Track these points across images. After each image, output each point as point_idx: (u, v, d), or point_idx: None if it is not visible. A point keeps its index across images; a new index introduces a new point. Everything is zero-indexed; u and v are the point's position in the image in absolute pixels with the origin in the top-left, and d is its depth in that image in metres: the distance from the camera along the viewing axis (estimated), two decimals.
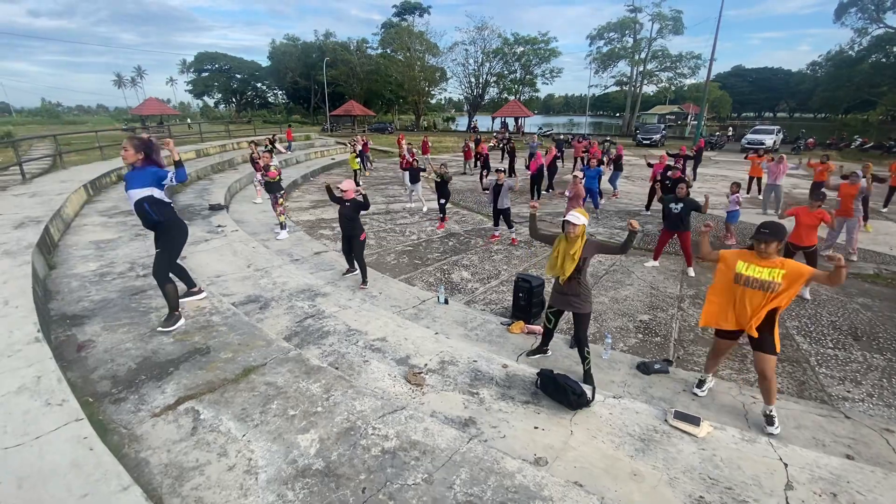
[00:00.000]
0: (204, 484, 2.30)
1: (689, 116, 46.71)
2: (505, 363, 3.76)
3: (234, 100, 68.91)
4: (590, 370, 3.92)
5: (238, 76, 66.20)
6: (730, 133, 36.85)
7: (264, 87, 70.34)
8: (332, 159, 21.07)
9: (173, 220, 3.94)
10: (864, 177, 8.72)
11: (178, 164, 3.75)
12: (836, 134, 32.92)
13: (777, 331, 3.36)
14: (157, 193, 3.71)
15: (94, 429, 2.38)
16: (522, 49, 51.48)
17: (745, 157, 12.88)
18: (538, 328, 4.98)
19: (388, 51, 54.08)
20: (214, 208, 9.50)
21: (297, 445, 2.56)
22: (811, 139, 29.71)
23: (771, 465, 2.66)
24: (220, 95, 68.62)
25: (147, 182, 3.66)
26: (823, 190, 6.68)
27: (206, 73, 65.54)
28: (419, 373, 3.56)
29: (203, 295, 4.57)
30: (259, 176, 11.05)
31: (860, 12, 33.49)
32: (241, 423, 2.74)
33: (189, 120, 39.31)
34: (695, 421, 2.96)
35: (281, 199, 8.42)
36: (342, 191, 5.82)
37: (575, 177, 7.96)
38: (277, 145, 16.84)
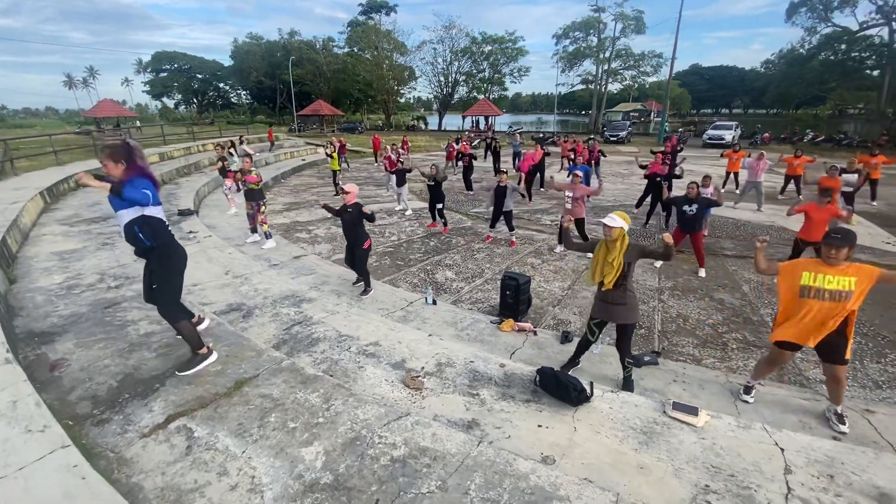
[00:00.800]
0: None
1: (652, 114, 48.21)
2: (502, 362, 3.75)
3: (195, 100, 66.39)
4: (630, 377, 3.85)
5: (199, 76, 63.78)
6: (692, 129, 38.23)
7: (227, 88, 68.03)
8: (303, 160, 20.62)
9: (169, 245, 3.22)
10: (853, 172, 9.16)
11: (115, 192, 2.87)
12: (790, 128, 34.72)
13: (851, 337, 3.19)
14: (149, 210, 3.04)
15: (83, 455, 2.21)
16: (490, 48, 51.81)
17: (722, 155, 13.25)
18: (528, 325, 5.00)
19: (356, 49, 53.38)
20: (184, 213, 9.12)
21: (301, 459, 2.47)
22: (767, 134, 31.19)
23: (768, 450, 2.75)
24: (180, 96, 65.91)
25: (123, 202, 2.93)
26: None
27: (165, 74, 62.87)
28: (417, 377, 3.50)
29: (206, 323, 3.98)
30: (229, 184, 10.55)
31: (810, 12, 35.33)
32: (239, 439, 2.62)
33: (138, 123, 36.69)
34: (693, 411, 3.03)
35: (263, 208, 7.94)
36: (346, 192, 5.64)
37: (576, 175, 7.68)
38: (245, 147, 16.31)
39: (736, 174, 13.05)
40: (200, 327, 3.83)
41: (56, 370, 3.30)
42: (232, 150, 13.50)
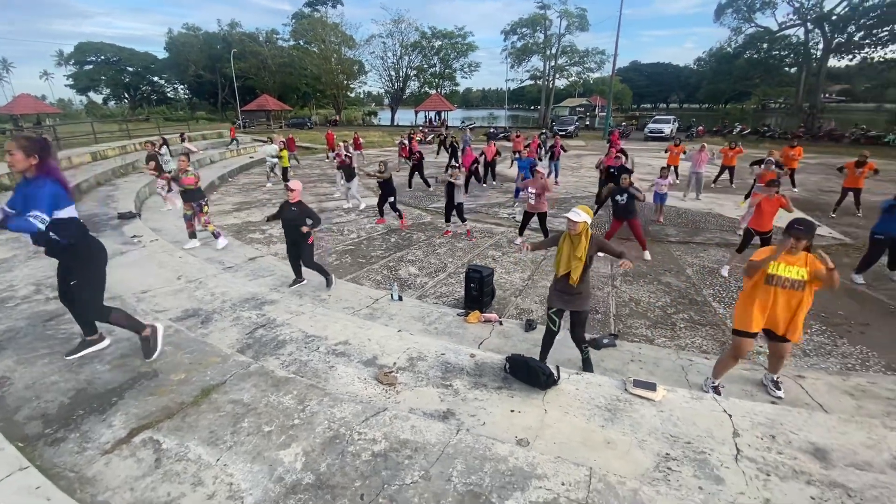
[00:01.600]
0: None
1: (597, 108, 50.20)
2: (472, 353, 3.84)
3: (126, 95, 61.84)
4: (589, 358, 4.02)
5: (130, 69, 59.43)
6: (634, 123, 40.19)
7: (162, 82, 63.93)
8: (251, 157, 19.80)
9: (85, 241, 3.09)
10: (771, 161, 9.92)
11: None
12: (720, 122, 37.31)
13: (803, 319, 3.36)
14: (62, 213, 2.86)
15: (44, 476, 2.08)
16: (440, 43, 51.84)
17: (665, 151, 14.03)
18: (494, 316, 5.14)
19: (302, 42, 51.69)
20: (125, 217, 8.56)
21: (280, 462, 2.43)
22: (701, 127, 33.38)
23: (718, 417, 3.01)
24: (108, 91, 61.19)
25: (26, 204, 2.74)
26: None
27: (91, 66, 58.10)
28: (390, 372, 3.52)
29: (106, 343, 3.59)
30: (162, 183, 10.02)
31: (735, 13, 38.05)
32: (211, 448, 2.54)
33: (48, 121, 32.91)
34: (651, 387, 3.26)
35: (206, 208, 7.58)
36: (290, 190, 5.54)
37: (538, 171, 7.88)
38: (188, 144, 15.42)
39: (676, 167, 13.90)
40: (99, 346, 3.55)
41: None
42: (164, 149, 12.69)
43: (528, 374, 3.31)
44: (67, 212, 2.92)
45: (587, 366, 4.04)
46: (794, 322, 3.39)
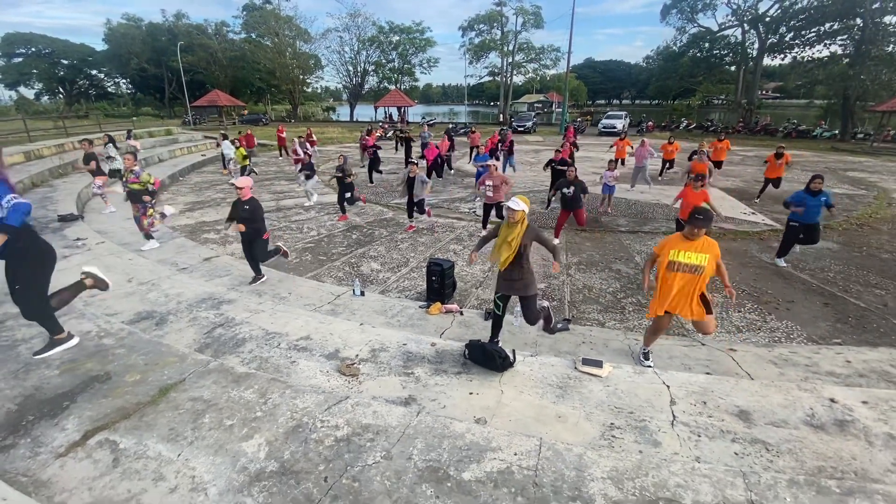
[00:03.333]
0: None
1: (554, 104, 51.45)
2: (433, 342, 3.98)
3: (61, 90, 57.59)
4: (549, 316, 4.32)
5: (64, 62, 55.20)
6: (588, 119, 41.50)
7: (101, 76, 59.92)
8: (203, 156, 19.04)
9: (32, 242, 3.07)
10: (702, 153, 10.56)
11: None
12: (668, 117, 39.18)
13: (706, 294, 3.77)
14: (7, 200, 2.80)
15: None
16: (398, 38, 51.46)
17: (611, 147, 14.59)
18: (455, 306, 5.29)
19: (254, 35, 49.88)
20: (66, 219, 8.11)
21: (243, 453, 2.48)
22: (651, 122, 34.98)
23: (657, 388, 3.29)
24: (41, 85, 56.71)
25: None
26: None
27: (20, 59, 53.61)
28: (352, 364, 3.60)
29: (75, 341, 3.57)
30: (99, 182, 9.43)
31: (679, 13, 39.98)
32: (172, 444, 2.55)
33: None
34: (598, 364, 3.51)
35: (150, 210, 7.11)
36: (238, 188, 5.44)
37: (489, 165, 8.13)
38: (133, 142, 14.66)
39: (623, 160, 14.57)
40: (69, 344, 3.54)
41: None
42: (111, 148, 11.96)
43: (485, 358, 3.48)
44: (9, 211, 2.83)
45: (547, 323, 4.37)
46: (694, 304, 3.73)
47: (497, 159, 12.59)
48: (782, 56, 35.60)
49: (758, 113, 37.23)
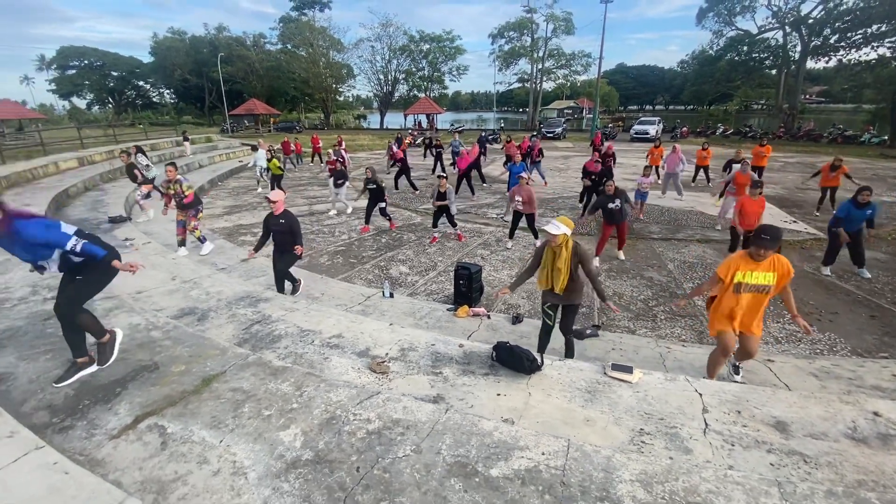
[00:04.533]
0: (191, 492, 2.27)
1: (584, 110, 50.84)
2: (461, 343, 4.03)
3: (110, 100, 61.12)
4: (571, 343, 4.21)
5: (114, 73, 58.79)
6: (620, 125, 40.81)
7: (148, 86, 63.34)
8: (240, 162, 19.81)
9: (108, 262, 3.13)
10: (738, 161, 10.22)
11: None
12: (704, 123, 38.06)
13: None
14: (73, 246, 2.88)
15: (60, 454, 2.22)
16: (429, 46, 52.14)
17: (647, 155, 14.32)
18: (482, 310, 5.33)
19: (289, 46, 51.64)
20: (116, 221, 8.63)
21: (280, 442, 2.60)
22: (685, 128, 34.06)
23: (690, 396, 3.23)
24: (92, 95, 60.42)
25: (37, 249, 2.83)
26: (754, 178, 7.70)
27: (74, 71, 57.35)
28: (382, 361, 3.69)
29: (94, 368, 3.36)
30: (145, 191, 9.59)
31: (716, 16, 38.88)
32: (214, 431, 2.70)
33: (32, 126, 31.36)
34: (628, 370, 3.48)
35: (200, 215, 7.41)
36: (272, 202, 5.51)
37: (521, 177, 7.91)
38: (143, 159, 15.01)
39: (657, 167, 14.25)
40: (91, 369, 3.37)
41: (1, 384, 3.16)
42: (141, 157, 12.29)
43: (513, 360, 3.51)
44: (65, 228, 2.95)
45: (569, 351, 4.23)
46: (759, 320, 3.60)
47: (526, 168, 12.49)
48: (826, 59, 34.14)
49: (801, 118, 35.66)
